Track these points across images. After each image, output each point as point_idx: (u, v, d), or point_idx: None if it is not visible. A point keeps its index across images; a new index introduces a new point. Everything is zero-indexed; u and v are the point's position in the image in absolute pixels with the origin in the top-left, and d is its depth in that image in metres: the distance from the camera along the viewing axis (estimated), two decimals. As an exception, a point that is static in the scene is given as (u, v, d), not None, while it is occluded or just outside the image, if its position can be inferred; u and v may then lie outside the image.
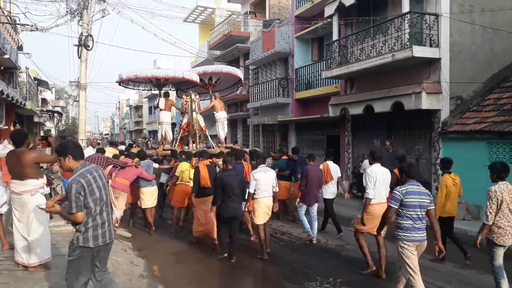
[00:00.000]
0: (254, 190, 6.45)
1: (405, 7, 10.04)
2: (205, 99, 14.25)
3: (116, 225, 8.09)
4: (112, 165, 8.05)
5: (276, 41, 16.99)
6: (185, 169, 8.28)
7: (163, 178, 9.68)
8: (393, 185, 5.58)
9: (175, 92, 14.19)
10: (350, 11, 12.45)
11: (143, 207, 8.36)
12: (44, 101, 32.21)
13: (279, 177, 8.21)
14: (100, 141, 30.54)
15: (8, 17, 13.57)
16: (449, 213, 6.35)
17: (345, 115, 12.86)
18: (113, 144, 14.41)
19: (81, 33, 13.43)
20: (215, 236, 6.92)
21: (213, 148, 11.75)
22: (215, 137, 13.36)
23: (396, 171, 9.50)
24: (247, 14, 21.87)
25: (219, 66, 13.37)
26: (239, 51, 20.98)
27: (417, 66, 10.24)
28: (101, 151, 9.03)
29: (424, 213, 4.36)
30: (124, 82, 11.80)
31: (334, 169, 8.17)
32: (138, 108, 57.17)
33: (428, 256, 6.04)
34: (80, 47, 13.56)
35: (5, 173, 5.35)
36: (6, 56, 11.12)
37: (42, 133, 30.19)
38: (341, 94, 13.40)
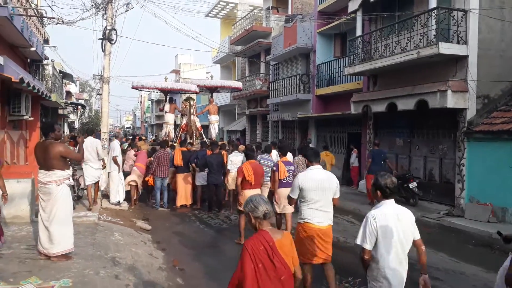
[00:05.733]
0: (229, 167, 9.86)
1: (432, 2, 9.77)
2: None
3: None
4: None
5: (298, 36, 16.82)
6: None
7: None
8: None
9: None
10: (375, 7, 12.20)
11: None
12: (68, 93, 32.92)
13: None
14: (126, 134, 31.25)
15: (35, 10, 13.85)
16: None
17: (367, 112, 12.65)
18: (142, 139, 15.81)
19: (105, 27, 13.58)
20: (190, 202, 10.40)
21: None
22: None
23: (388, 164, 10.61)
24: (269, 9, 21.72)
25: (219, 81, 16.67)
26: (260, 46, 20.88)
27: (443, 63, 9.96)
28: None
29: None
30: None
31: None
32: (159, 102, 57.76)
33: (453, 257, 5.89)
34: (104, 41, 13.72)
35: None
36: (33, 49, 11.35)
37: (66, 125, 30.90)
38: (363, 91, 13.18)
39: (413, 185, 10.35)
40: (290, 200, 4.82)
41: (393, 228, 3.18)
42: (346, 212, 10.28)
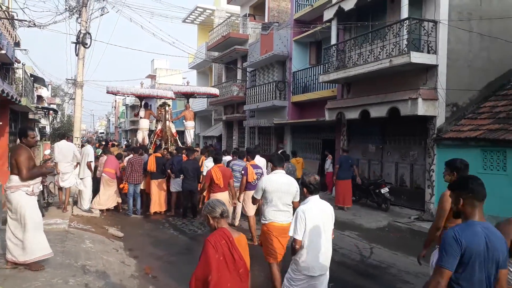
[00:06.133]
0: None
1: (404, 13, 10.06)
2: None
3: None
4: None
5: (274, 44, 16.98)
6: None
7: None
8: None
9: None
10: (349, 16, 12.48)
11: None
12: (40, 98, 31.98)
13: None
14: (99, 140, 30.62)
15: (6, 12, 13.48)
16: None
17: (341, 119, 12.86)
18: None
19: (79, 31, 13.35)
20: (165, 208, 10.25)
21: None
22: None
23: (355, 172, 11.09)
24: (246, 16, 21.87)
25: (195, 87, 17.04)
26: (237, 53, 20.97)
27: (414, 72, 10.27)
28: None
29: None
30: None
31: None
32: (134, 107, 56.96)
33: (422, 261, 6.02)
34: (77, 45, 13.48)
35: None
36: (3, 52, 11.04)
37: (37, 130, 29.98)
38: (337, 99, 13.41)
39: (385, 190, 10.58)
40: (254, 200, 5.20)
41: (319, 219, 3.79)
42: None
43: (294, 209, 4.85)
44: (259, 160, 8.86)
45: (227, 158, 10.59)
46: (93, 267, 5.52)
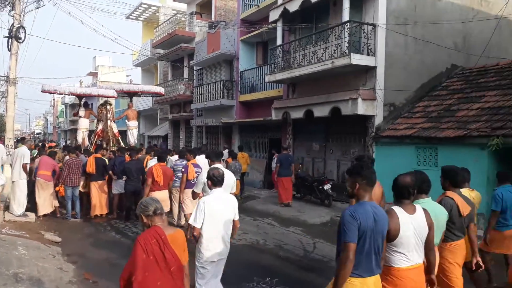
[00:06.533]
0: None
1: (345, 16, 10.43)
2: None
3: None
4: None
5: (221, 43, 16.94)
6: None
7: None
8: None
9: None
10: (294, 18, 12.73)
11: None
12: (-33, 95, 29.47)
13: None
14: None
15: None
16: None
17: (286, 118, 13.11)
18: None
19: (12, 24, 12.48)
20: (106, 211, 9.78)
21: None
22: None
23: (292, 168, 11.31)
24: (193, 14, 21.60)
25: (139, 86, 16.67)
26: (184, 51, 20.65)
27: (355, 73, 10.70)
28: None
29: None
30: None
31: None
32: (74, 106, 54.28)
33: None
34: (10, 39, 12.60)
35: None
36: None
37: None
38: (283, 98, 13.65)
39: (327, 187, 10.92)
40: (194, 194, 5.46)
41: (218, 210, 4.11)
42: (266, 214, 10.52)
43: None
44: (200, 160, 8.77)
45: (174, 158, 10.37)
46: (27, 274, 5.19)
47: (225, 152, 12.68)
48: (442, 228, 3.70)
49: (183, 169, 7.66)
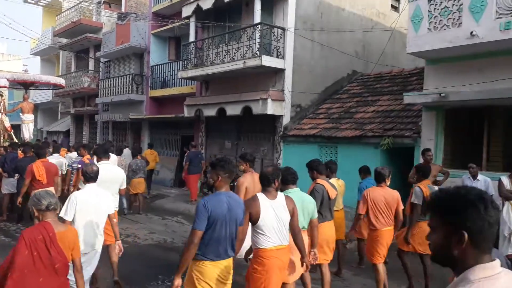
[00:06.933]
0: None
1: (257, 18, 10.70)
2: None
3: None
4: None
5: (131, 35, 16.22)
6: None
7: None
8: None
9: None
10: (208, 15, 12.68)
11: None
12: None
13: None
14: None
15: None
16: None
17: (199, 116, 13.04)
18: None
19: None
20: None
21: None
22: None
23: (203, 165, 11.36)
24: (101, 3, 20.36)
25: (35, 75, 15.00)
26: (89, 41, 19.37)
27: (265, 74, 11.04)
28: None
29: None
30: None
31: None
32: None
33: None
34: None
35: None
36: None
37: None
38: (196, 95, 13.55)
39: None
40: None
41: (91, 205, 4.19)
42: (176, 213, 10.38)
43: (121, 195, 5.88)
44: (112, 157, 8.38)
45: (74, 154, 9.70)
46: None
47: (125, 150, 12.16)
48: (311, 215, 4.12)
49: (79, 165, 7.22)
